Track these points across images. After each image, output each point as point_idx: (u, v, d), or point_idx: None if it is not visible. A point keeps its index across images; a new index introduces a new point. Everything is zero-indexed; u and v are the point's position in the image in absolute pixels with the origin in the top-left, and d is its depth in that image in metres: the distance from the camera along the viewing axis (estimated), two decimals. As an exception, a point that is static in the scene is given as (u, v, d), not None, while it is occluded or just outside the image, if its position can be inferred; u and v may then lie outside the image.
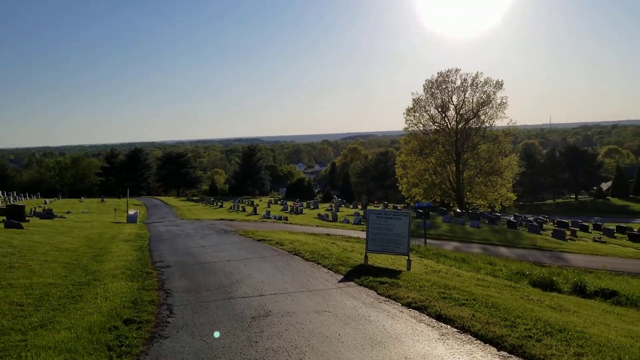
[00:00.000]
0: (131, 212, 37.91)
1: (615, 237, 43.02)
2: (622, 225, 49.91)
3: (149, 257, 15.19)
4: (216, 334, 7.08)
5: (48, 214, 37.07)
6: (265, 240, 18.93)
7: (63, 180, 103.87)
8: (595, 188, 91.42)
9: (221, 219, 37.82)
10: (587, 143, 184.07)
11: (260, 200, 77.33)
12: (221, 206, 63.26)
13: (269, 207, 61.70)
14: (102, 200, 73.08)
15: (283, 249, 16.15)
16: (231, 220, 37.70)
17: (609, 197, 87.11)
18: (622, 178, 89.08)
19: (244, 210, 56.29)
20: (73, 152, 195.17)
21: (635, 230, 45.13)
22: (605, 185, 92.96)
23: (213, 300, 9.26)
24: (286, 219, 45.01)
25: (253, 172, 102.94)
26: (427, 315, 8.05)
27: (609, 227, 46.77)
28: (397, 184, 67.24)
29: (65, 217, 38.23)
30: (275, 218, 45.51)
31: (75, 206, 58.31)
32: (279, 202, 72.72)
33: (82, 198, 79.03)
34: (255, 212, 51.95)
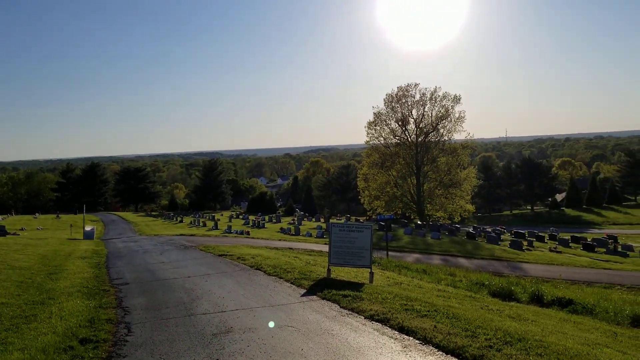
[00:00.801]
0: (88, 228, 36.89)
1: (570, 247, 44.32)
2: (576, 235, 51.46)
3: (106, 275, 14.78)
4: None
5: (0, 231, 35.71)
6: (226, 255, 18.68)
7: (17, 196, 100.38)
8: (550, 199, 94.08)
9: (181, 235, 37.24)
10: (541, 156, 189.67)
11: (222, 215, 76.56)
12: (181, 221, 62.35)
13: (230, 221, 61.10)
14: (58, 216, 70.87)
15: (245, 264, 15.97)
16: (191, 235, 37.14)
17: (564, 208, 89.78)
18: (575, 189, 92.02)
19: (204, 225, 55.60)
20: (27, 167, 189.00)
21: (588, 240, 46.58)
22: (559, 197, 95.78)
23: (173, 317, 9.05)
24: (248, 233, 44.66)
25: (214, 187, 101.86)
26: (390, 327, 8.06)
27: (564, 237, 48.17)
28: (360, 197, 67.67)
29: (18, 234, 36.96)
30: (236, 233, 45.09)
31: (29, 223, 56.39)
32: (240, 217, 72.16)
33: (37, 214, 76.58)
34: (216, 227, 51.38)
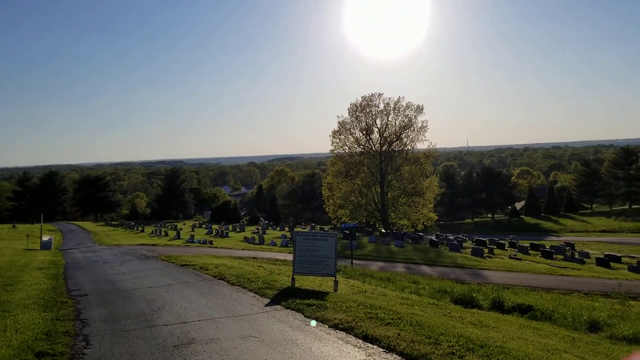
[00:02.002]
0: (45, 238, 35.78)
1: (529, 254, 45.34)
2: (535, 242, 52.71)
3: (64, 286, 14.35)
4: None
5: (-50, 243, 34.29)
6: (188, 265, 18.40)
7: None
8: (510, 207, 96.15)
9: (142, 244, 36.53)
10: (501, 165, 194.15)
11: (184, 224, 75.55)
12: (142, 231, 61.24)
13: (193, 231, 60.32)
14: (14, 226, 68.52)
15: (207, 274, 15.74)
16: (153, 245, 36.49)
17: (523, 216, 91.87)
18: (534, 198, 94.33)
19: (166, 234, 54.75)
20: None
21: (547, 247, 47.77)
22: (519, 205, 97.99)
23: (133, 329, 8.83)
24: (211, 242, 44.15)
25: (176, 195, 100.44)
26: (354, 336, 8.05)
27: (524, 245, 49.27)
28: (324, 206, 67.79)
29: (-31, 246, 35.53)
30: (199, 242, 44.51)
31: (-19, 233, 54.35)
32: (203, 226, 71.34)
33: (-10, 224, 73.86)
34: (178, 237, 50.66)
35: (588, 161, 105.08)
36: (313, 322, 9.03)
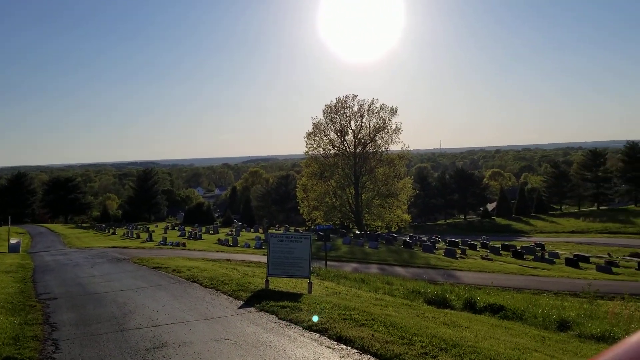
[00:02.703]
0: (13, 241, 34.96)
1: (500, 255, 46.02)
2: (506, 243, 53.54)
3: (32, 289, 14.07)
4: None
5: None
6: (161, 267, 18.18)
7: None
8: (481, 208, 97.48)
9: (114, 247, 35.98)
10: (473, 166, 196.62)
11: (157, 226, 74.67)
12: (114, 233, 60.36)
13: (165, 233, 59.63)
14: (-21, 229, 66.79)
15: (180, 276, 15.58)
16: (124, 247, 35.99)
17: (494, 217, 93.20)
18: (505, 199, 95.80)
19: (138, 237, 54.06)
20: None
21: (518, 248, 48.57)
22: (490, 206, 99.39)
23: (104, 332, 8.69)
24: (184, 245, 43.74)
25: (149, 197, 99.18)
26: (328, 337, 8.06)
27: (495, 245, 49.98)
28: (299, 207, 67.75)
29: None
30: (172, 244, 44.05)
31: (-55, 236, 52.82)
32: (176, 228, 70.63)
33: (-45, 227, 71.80)
34: (150, 239, 50.06)
35: (557, 163, 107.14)
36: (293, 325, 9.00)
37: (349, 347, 7.49)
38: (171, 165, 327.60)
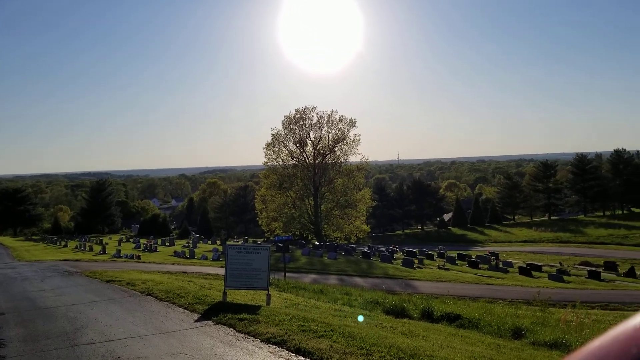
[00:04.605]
0: (-45, 255, 33.36)
1: (456, 264, 46.78)
2: (462, 252, 54.51)
3: (-24, 306, 13.40)
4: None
5: None
6: (115, 281, 17.66)
7: None
8: (438, 219, 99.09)
9: (65, 260, 34.79)
10: (430, 178, 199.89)
11: (110, 239, 72.77)
12: (65, 246, 58.42)
13: (119, 245, 58.11)
14: None
15: (135, 290, 15.17)
16: (77, 260, 34.86)
17: (451, 227, 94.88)
18: (460, 210, 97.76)
19: (91, 249, 52.51)
20: None
21: (473, 257, 49.51)
22: (447, 216, 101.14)
23: (54, 348, 8.35)
24: (139, 257, 42.71)
25: (102, 209, 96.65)
26: (287, 349, 7.97)
27: (451, 255, 50.81)
28: (257, 218, 67.32)
29: None
30: (126, 257, 42.95)
31: None
32: (131, 240, 68.98)
33: None
34: (104, 252, 48.69)
35: (510, 175, 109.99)
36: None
37: (308, 359, 7.42)
38: (126, 176, 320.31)
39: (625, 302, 27.92)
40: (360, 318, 9.22)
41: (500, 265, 44.93)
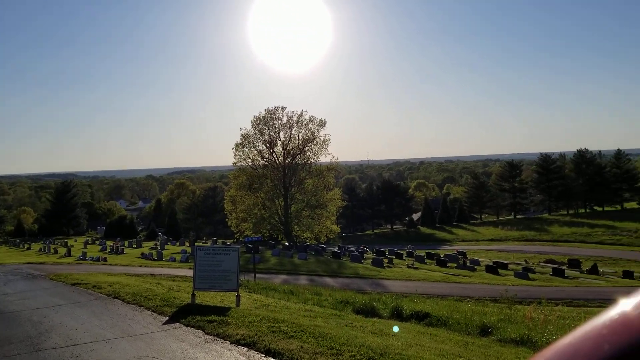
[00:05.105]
0: None
1: (425, 263, 47.34)
2: (430, 252, 55.18)
3: None
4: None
5: None
6: (80, 284, 17.28)
7: None
8: (407, 218, 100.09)
9: (29, 263, 33.91)
10: (399, 178, 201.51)
11: (76, 241, 71.31)
12: (29, 248, 57.12)
13: (85, 247, 57.04)
14: None
15: (101, 293, 14.88)
16: (41, 263, 34.05)
17: (419, 227, 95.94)
18: (429, 209, 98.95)
19: (56, 252, 51.40)
20: None
21: (441, 256, 50.17)
22: (416, 216, 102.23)
23: (17, 354, 8.13)
24: (105, 259, 41.96)
25: (67, 210, 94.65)
26: (257, 351, 7.93)
27: (420, 254, 51.37)
28: (227, 219, 66.80)
29: None
30: (92, 259, 42.17)
31: None
32: (97, 242, 67.78)
33: None
34: (69, 254, 47.72)
35: (477, 174, 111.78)
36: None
37: (278, 360, 7.39)
38: (92, 177, 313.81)
39: (588, 299, 28.71)
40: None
41: (468, 264, 45.61)
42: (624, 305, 0.68)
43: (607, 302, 26.93)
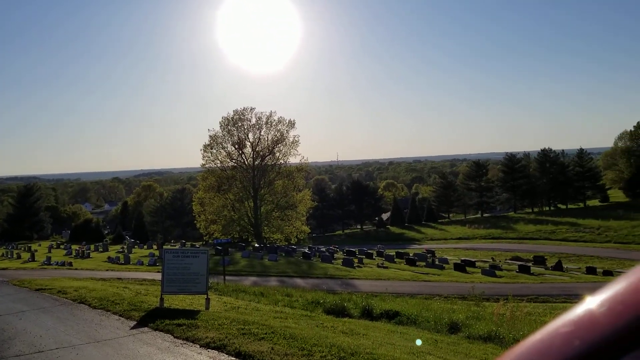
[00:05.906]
0: None
1: (395, 262, 47.72)
2: (400, 251, 55.66)
3: None
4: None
5: None
6: (45, 289, 16.85)
7: None
8: (377, 218, 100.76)
9: (-10, 269, 33.00)
10: (369, 178, 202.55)
11: (40, 245, 69.50)
12: (-10, 254, 55.34)
13: (50, 252, 55.67)
14: None
15: (66, 298, 14.54)
16: (4, 269, 33.17)
17: (389, 226, 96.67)
18: (398, 209, 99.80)
19: (19, 257, 50.09)
20: None
21: (411, 255, 50.66)
22: (385, 216, 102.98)
23: (-24, 365, 7.88)
24: (71, 264, 41.09)
25: (30, 214, 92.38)
26: (227, 353, 7.87)
27: (390, 254, 51.75)
28: (195, 222, 66.08)
29: None
30: (57, 264, 41.23)
31: None
32: (62, 247, 66.26)
33: None
34: (33, 259, 46.57)
35: (445, 174, 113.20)
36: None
37: (249, 362, 7.35)
38: (55, 180, 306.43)
39: (553, 295, 29.39)
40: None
41: (437, 262, 46.16)
42: (590, 303, 0.70)
43: (571, 297, 27.66)
